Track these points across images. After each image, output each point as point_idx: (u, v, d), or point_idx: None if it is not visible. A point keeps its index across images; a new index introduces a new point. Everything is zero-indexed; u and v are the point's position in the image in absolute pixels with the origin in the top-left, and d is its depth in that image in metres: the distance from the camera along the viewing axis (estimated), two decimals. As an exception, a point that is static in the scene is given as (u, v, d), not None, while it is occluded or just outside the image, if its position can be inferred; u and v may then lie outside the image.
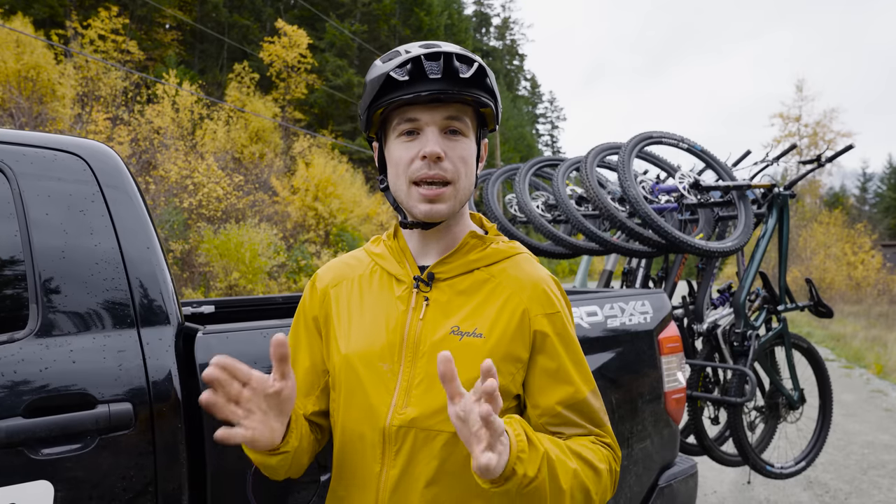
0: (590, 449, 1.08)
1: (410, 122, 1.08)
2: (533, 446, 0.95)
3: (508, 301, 1.11)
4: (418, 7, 34.91)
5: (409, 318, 1.12)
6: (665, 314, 2.41)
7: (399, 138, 1.10)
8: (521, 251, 1.21)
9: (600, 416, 1.15)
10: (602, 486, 1.07)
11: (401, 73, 1.06)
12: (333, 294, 1.22)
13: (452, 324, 1.10)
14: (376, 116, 1.13)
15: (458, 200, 1.11)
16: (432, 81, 1.05)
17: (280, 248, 16.53)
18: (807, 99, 37.50)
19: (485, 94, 1.10)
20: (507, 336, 1.09)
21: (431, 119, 1.07)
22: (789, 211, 3.76)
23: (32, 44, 16.51)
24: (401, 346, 1.11)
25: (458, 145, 1.09)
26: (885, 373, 8.94)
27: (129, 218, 1.51)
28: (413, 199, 1.09)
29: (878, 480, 4.50)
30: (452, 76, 1.05)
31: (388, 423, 1.07)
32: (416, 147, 1.08)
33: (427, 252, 1.18)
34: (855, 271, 22.49)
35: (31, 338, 1.32)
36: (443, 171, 1.07)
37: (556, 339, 1.11)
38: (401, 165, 1.10)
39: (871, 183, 53.53)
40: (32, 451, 1.25)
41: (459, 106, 1.09)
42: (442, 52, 1.06)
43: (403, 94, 1.06)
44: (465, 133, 1.10)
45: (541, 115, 72.31)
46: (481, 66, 1.07)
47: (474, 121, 1.13)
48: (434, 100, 1.06)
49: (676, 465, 2.39)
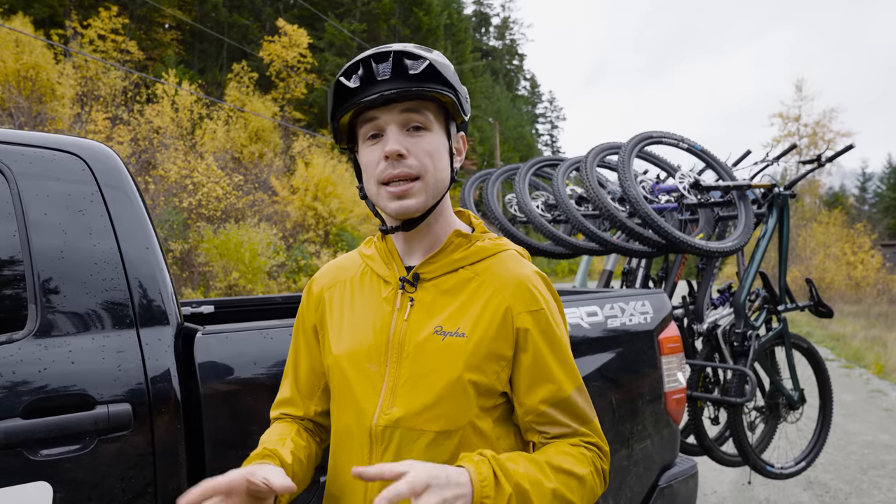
0: (570, 455, 1.08)
1: (371, 123, 1.09)
2: (500, 488, 0.95)
3: (491, 299, 1.11)
4: (417, 7, 34.87)
5: (394, 318, 1.13)
6: (665, 314, 2.41)
7: (366, 143, 1.12)
8: (508, 248, 1.20)
9: (586, 413, 1.14)
10: (587, 489, 1.08)
11: (352, 80, 1.07)
12: (328, 297, 1.23)
13: (436, 324, 1.10)
14: (342, 127, 1.15)
15: (429, 195, 1.10)
16: (382, 82, 1.06)
17: (279, 247, 16.53)
18: (806, 99, 37.53)
19: (440, 86, 1.09)
20: (490, 334, 1.09)
21: (390, 118, 1.08)
22: (789, 211, 3.76)
23: (32, 43, 16.50)
24: (386, 347, 1.12)
25: (422, 140, 1.09)
26: (885, 373, 8.94)
27: (129, 218, 1.51)
28: (383, 199, 1.10)
29: (878, 480, 4.50)
30: (402, 74, 1.05)
31: (375, 423, 1.09)
32: (380, 148, 1.09)
33: (413, 252, 1.18)
34: (854, 271, 22.50)
35: (29, 338, 1.32)
36: (407, 168, 1.07)
37: (539, 337, 1.11)
38: (369, 169, 1.11)
39: (871, 183, 53.57)
40: (31, 451, 1.25)
41: (418, 102, 1.09)
42: (391, 52, 1.06)
43: (356, 100, 1.07)
44: (427, 127, 1.10)
45: (540, 115, 72.31)
46: (431, 63, 1.06)
47: (439, 115, 1.13)
48: (388, 100, 1.07)
49: (676, 465, 2.38)
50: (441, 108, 1.13)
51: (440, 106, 1.13)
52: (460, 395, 1.06)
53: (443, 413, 1.06)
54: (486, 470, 0.95)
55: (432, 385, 1.07)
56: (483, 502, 0.92)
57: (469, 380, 1.07)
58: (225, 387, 1.47)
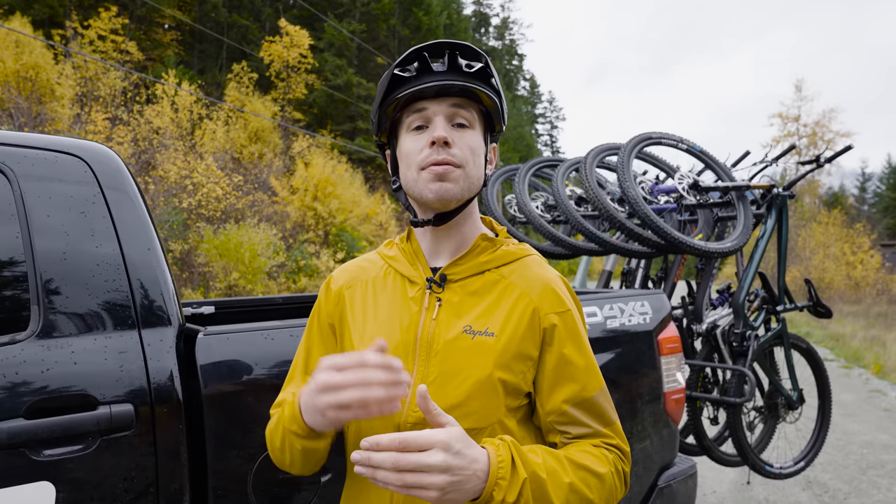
0: (590, 454, 1.09)
1: (419, 113, 1.12)
2: (515, 472, 0.96)
3: (519, 301, 1.13)
4: (417, 7, 34.89)
5: (422, 317, 1.14)
6: (664, 315, 2.42)
7: (410, 133, 1.14)
8: (531, 253, 1.23)
9: (609, 415, 1.16)
10: (606, 489, 1.08)
11: (407, 70, 1.10)
12: (348, 295, 1.24)
13: (465, 323, 1.12)
14: (388, 114, 1.17)
15: (466, 187, 1.12)
16: (437, 74, 1.09)
17: (279, 248, 16.53)
18: (806, 99, 37.54)
19: (490, 89, 1.13)
20: (518, 335, 1.11)
21: (439, 108, 1.11)
22: (788, 211, 3.77)
23: (31, 44, 16.50)
24: (415, 345, 1.13)
25: (466, 135, 1.13)
26: (885, 373, 8.95)
27: (130, 220, 1.52)
28: (422, 181, 1.11)
29: (877, 480, 4.51)
30: (457, 69, 1.10)
31: (404, 420, 1.10)
32: (426, 137, 1.11)
33: (439, 254, 1.20)
34: (854, 271, 22.51)
35: (32, 339, 1.33)
36: (451, 156, 1.10)
37: (566, 338, 1.13)
38: (411, 155, 1.13)
39: (870, 183, 53.57)
40: (34, 452, 1.25)
41: (466, 100, 1.13)
42: (447, 46, 1.10)
43: (410, 88, 1.10)
44: (471, 125, 1.14)
45: (540, 115, 72.31)
46: (486, 63, 1.12)
47: (481, 119, 1.17)
48: (440, 92, 1.10)
49: (676, 465, 2.39)
50: (483, 114, 1.17)
51: (482, 111, 1.17)
52: (490, 394, 1.08)
53: (473, 411, 1.08)
54: (504, 453, 0.96)
55: (462, 383, 1.09)
56: (498, 483, 0.93)
57: (499, 378, 1.08)
58: (226, 387, 1.47)
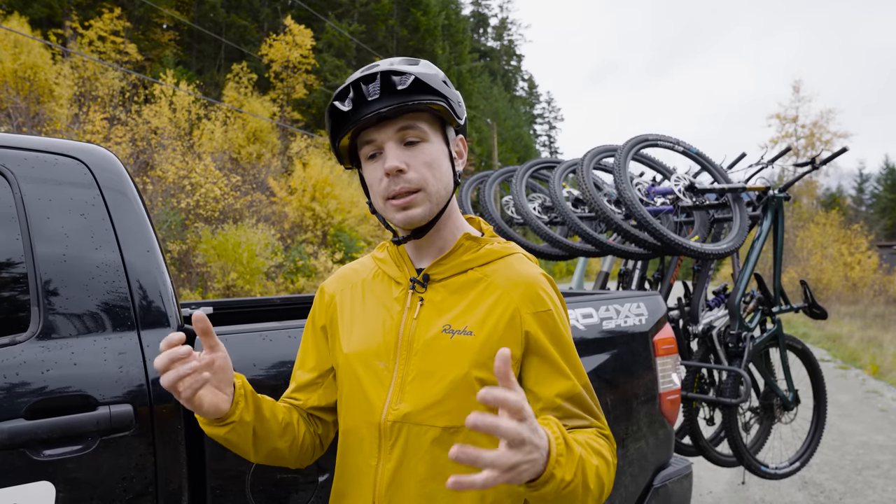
0: (598, 441, 1.11)
1: (369, 144, 1.14)
2: (570, 449, 0.96)
3: (500, 300, 1.14)
4: (415, 7, 34.86)
5: (404, 317, 1.17)
6: (660, 316, 2.43)
7: (367, 162, 1.16)
8: (515, 251, 1.23)
9: (595, 410, 1.18)
10: (611, 478, 1.10)
11: (345, 103, 1.11)
12: (339, 299, 1.28)
13: (444, 322, 1.14)
14: (343, 149, 1.19)
15: (433, 203, 1.14)
16: (373, 102, 1.10)
17: (277, 248, 16.52)
18: (804, 100, 37.41)
19: (430, 96, 1.12)
20: (497, 334, 1.11)
21: (386, 136, 1.12)
22: (784, 213, 3.79)
23: (29, 44, 16.47)
24: (396, 345, 1.15)
25: (420, 152, 1.13)
26: (881, 373, 8.98)
27: (130, 222, 1.53)
28: (389, 212, 1.15)
29: (873, 481, 4.53)
30: (391, 91, 1.09)
31: (384, 419, 1.12)
32: (381, 166, 1.13)
33: (423, 255, 1.22)
34: (851, 272, 22.54)
35: (32, 340, 1.34)
36: (407, 183, 1.11)
37: (547, 337, 1.14)
38: (374, 186, 1.16)
39: (868, 184, 53.67)
40: (34, 452, 1.26)
41: (411, 115, 1.12)
42: (378, 73, 1.09)
43: (350, 124, 1.11)
44: (424, 139, 1.14)
45: (538, 116, 72.38)
46: (416, 76, 1.10)
47: (435, 123, 1.17)
48: (381, 118, 1.10)
49: (671, 465, 2.40)
50: (435, 117, 1.17)
51: (434, 115, 1.16)
52: (467, 392, 1.09)
53: (450, 409, 1.09)
54: (557, 430, 0.96)
55: (439, 381, 1.10)
56: (558, 460, 0.92)
57: (476, 377, 1.10)
58: (225, 388, 1.48)
